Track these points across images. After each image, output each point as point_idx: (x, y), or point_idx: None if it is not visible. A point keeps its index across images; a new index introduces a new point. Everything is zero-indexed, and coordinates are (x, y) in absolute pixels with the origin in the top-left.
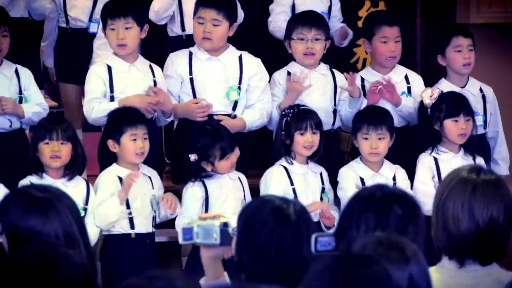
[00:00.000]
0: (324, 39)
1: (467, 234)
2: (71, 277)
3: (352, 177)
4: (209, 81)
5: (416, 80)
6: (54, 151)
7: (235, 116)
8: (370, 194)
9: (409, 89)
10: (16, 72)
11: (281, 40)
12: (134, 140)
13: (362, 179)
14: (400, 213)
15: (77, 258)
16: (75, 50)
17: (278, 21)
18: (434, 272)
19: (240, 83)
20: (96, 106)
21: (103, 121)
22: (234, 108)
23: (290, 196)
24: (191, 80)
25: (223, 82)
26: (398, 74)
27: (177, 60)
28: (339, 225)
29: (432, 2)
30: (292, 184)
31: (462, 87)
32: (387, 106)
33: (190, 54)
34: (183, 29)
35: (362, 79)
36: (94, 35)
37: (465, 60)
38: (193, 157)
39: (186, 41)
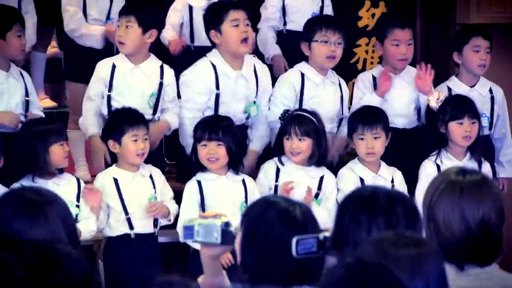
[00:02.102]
0: (343, 44)
1: (460, 237)
2: (74, 273)
3: (353, 179)
4: (233, 97)
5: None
6: (66, 151)
7: (247, 127)
8: (372, 197)
9: None
10: (21, 74)
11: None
12: (135, 140)
13: (362, 180)
14: (404, 212)
15: (76, 254)
16: (90, 49)
17: (264, 37)
18: None
19: (256, 96)
20: (84, 116)
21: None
22: (247, 117)
23: (271, 192)
24: (217, 96)
25: (245, 98)
26: (409, 75)
27: (204, 75)
28: (340, 228)
29: (432, 2)
30: (276, 180)
31: (472, 87)
32: (404, 104)
33: (214, 67)
34: (192, 40)
35: (374, 78)
36: None
37: (481, 61)
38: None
39: (195, 52)
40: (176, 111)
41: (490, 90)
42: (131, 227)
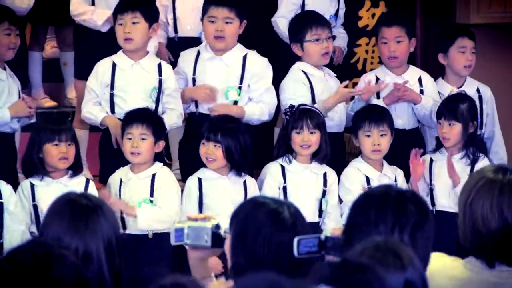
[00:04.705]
0: (333, 38)
1: (497, 233)
2: (63, 277)
3: (359, 178)
4: (209, 81)
5: (429, 83)
6: (62, 152)
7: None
8: (383, 193)
9: (421, 91)
10: (11, 76)
11: (281, 38)
12: (129, 139)
13: (368, 178)
14: (414, 210)
15: (71, 258)
16: (97, 46)
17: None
18: (461, 266)
19: (241, 82)
20: (87, 102)
21: (88, 120)
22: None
23: (280, 193)
24: (194, 79)
25: (223, 82)
26: (412, 76)
27: (185, 58)
28: (350, 224)
29: (432, 2)
30: (284, 182)
31: (459, 88)
32: (403, 105)
33: (198, 53)
34: (175, 31)
35: (377, 78)
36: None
37: (467, 61)
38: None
39: (179, 43)
40: (175, 112)
41: (478, 90)
42: (123, 227)
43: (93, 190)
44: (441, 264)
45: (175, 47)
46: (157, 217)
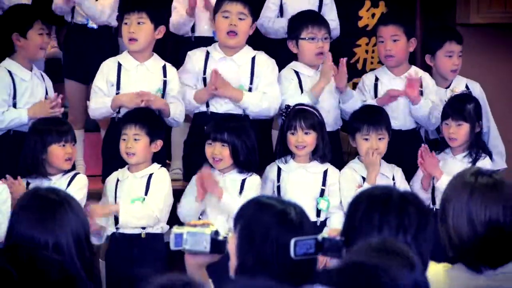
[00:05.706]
0: (330, 38)
1: (468, 241)
2: (52, 275)
3: (355, 179)
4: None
5: (430, 84)
6: (68, 153)
7: (246, 116)
8: (385, 196)
9: (421, 92)
10: (42, 76)
11: (276, 39)
12: (124, 140)
13: (364, 179)
14: (416, 212)
15: (53, 257)
16: (79, 47)
17: (273, 22)
18: (452, 271)
19: (251, 83)
20: (93, 99)
21: (99, 114)
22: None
23: (275, 193)
24: (204, 79)
25: (234, 82)
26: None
27: (195, 57)
28: (351, 227)
29: (432, 2)
30: (278, 181)
31: (447, 87)
32: (399, 106)
33: (207, 53)
34: (192, 30)
35: (376, 78)
36: (95, 31)
37: (454, 66)
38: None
39: (195, 43)
40: (179, 106)
41: (467, 87)
42: (117, 226)
43: (79, 182)
44: (435, 271)
45: (191, 46)
46: (138, 214)
